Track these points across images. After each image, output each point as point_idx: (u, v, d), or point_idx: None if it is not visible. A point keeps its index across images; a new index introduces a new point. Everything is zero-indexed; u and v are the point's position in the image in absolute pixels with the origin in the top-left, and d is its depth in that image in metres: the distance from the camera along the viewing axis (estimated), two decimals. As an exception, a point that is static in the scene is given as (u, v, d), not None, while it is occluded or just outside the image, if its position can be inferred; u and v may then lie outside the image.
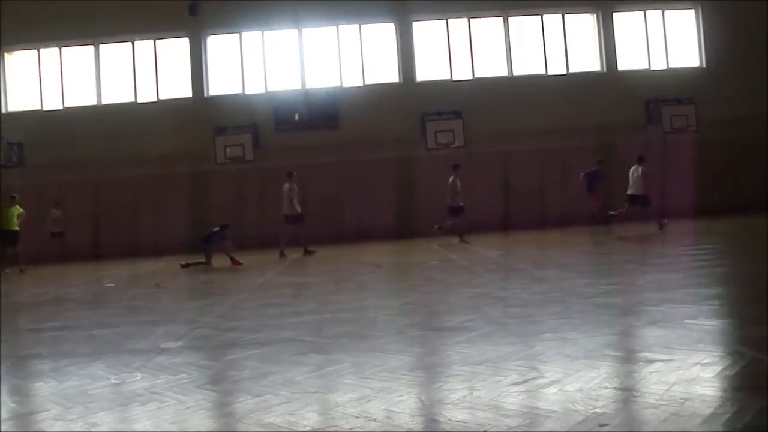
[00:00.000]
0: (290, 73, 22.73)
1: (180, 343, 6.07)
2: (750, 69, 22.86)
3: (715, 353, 4.67)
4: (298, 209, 16.60)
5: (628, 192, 17.94)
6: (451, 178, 17.46)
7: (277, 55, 22.84)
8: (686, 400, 3.58)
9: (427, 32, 22.90)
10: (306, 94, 22.44)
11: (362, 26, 22.74)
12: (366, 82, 22.63)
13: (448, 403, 3.80)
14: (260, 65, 22.74)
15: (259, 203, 21.02)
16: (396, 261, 14.66)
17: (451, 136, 21.84)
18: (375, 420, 3.57)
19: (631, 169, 18.02)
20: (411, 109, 21.94)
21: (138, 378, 4.78)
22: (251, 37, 22.78)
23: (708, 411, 3.38)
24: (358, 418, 3.62)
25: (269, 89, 22.66)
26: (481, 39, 23.01)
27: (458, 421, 3.48)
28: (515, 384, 4.08)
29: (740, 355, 4.47)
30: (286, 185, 16.61)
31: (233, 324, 7.13)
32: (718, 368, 4.20)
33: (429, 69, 22.81)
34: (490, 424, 3.38)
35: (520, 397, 3.82)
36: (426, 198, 21.53)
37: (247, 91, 22.65)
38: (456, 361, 4.80)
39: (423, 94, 22.19)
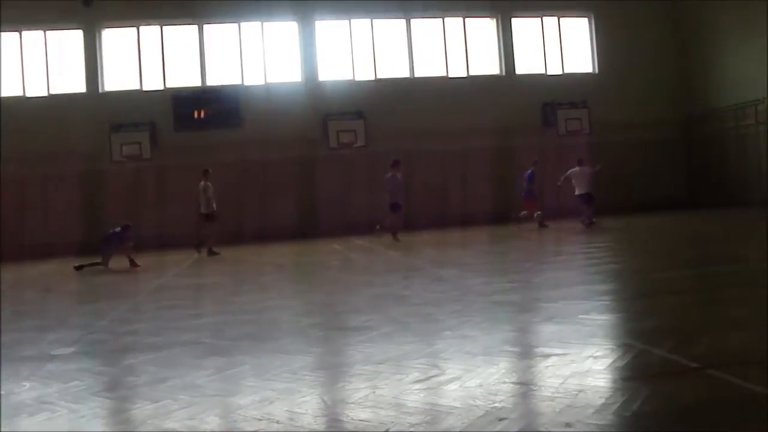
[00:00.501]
0: (190, 69, 22.18)
1: (73, 349, 5.81)
2: (639, 76, 24.12)
3: (607, 346, 4.88)
4: (214, 207, 16.37)
5: (576, 192, 18.29)
6: (389, 174, 17.07)
7: (176, 50, 22.25)
8: (580, 391, 3.71)
9: (330, 32, 22.87)
10: (207, 92, 21.97)
11: (264, 24, 22.48)
12: (268, 81, 22.38)
13: (351, 403, 3.80)
14: (159, 61, 22.08)
15: (158, 203, 20.44)
16: (298, 261, 14.57)
17: (353, 135, 21.92)
18: (278, 422, 3.53)
19: (572, 171, 18.36)
20: (313, 109, 21.88)
21: (26, 387, 4.52)
22: (149, 31, 22.10)
23: (600, 401, 3.51)
24: (260, 420, 3.57)
25: (168, 85, 22.03)
26: (384, 40, 23.17)
27: (361, 420, 3.48)
28: (417, 382, 4.12)
29: (629, 347, 4.67)
30: (202, 183, 16.30)
31: (130, 328, 6.90)
32: (609, 360, 4.38)
33: (331, 69, 22.79)
34: (392, 422, 3.40)
35: (422, 395, 3.86)
36: (328, 198, 21.55)
37: (145, 87, 21.93)
38: (358, 360, 4.81)
39: (325, 94, 22.18)
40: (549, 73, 24.10)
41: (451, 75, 23.40)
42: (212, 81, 22.25)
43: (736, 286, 7.34)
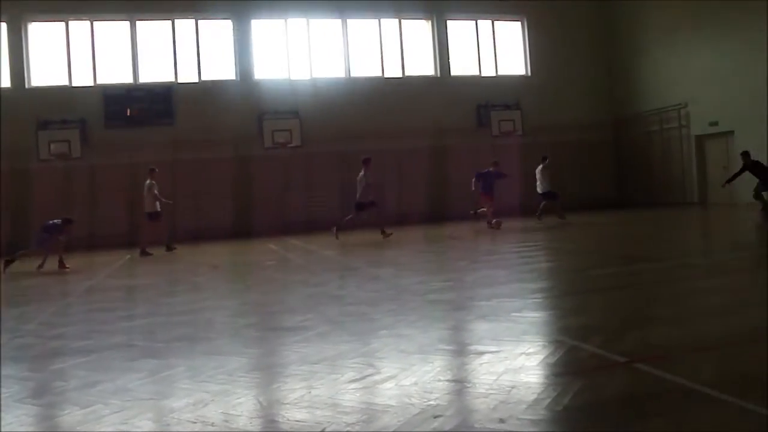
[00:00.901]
0: (122, 65, 21.63)
1: (-4, 354, 5.62)
2: (570, 79, 24.72)
3: (539, 343, 4.99)
4: (158, 207, 16.18)
5: (539, 190, 18.69)
6: (362, 173, 16.78)
7: (107, 46, 21.67)
8: (513, 387, 3.79)
9: (266, 31, 22.66)
10: (139, 89, 21.49)
11: (199, 21, 22.12)
12: (202, 78, 22.03)
13: (287, 403, 3.79)
14: (89, 56, 21.46)
15: (89, 203, 19.90)
16: (233, 261, 14.40)
17: (288, 135, 21.80)
18: (212, 424, 3.49)
19: (537, 169, 18.78)
20: (248, 108, 21.66)
21: (-54, 394, 4.36)
22: (79, 25, 21.46)
23: (532, 397, 3.60)
24: (195, 423, 3.52)
25: (99, 81, 21.43)
26: (320, 40, 23.10)
27: (297, 421, 3.47)
28: (353, 381, 4.13)
29: (561, 343, 4.79)
30: (147, 182, 16.09)
31: (58, 331, 6.70)
32: (541, 357, 4.49)
33: (267, 68, 22.59)
34: (328, 422, 3.41)
35: (358, 394, 3.88)
36: (264, 197, 21.37)
37: (75, 83, 21.28)
38: (294, 360, 4.79)
39: (260, 93, 21.97)
40: (483, 74, 24.45)
41: (386, 76, 23.49)
42: (145, 78, 21.76)
43: (661, 282, 7.60)
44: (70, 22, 21.32)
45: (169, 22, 21.90)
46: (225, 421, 3.54)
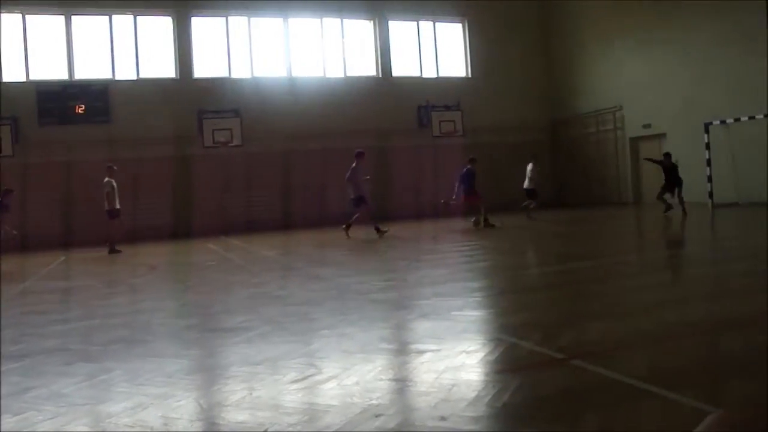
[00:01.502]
0: (57, 61, 21.01)
1: None
2: (509, 81, 25.11)
3: (479, 341, 5.06)
4: (117, 205, 15.85)
5: (525, 186, 18.85)
6: (353, 165, 16.25)
7: (41, 41, 21.01)
8: (454, 385, 3.84)
9: (206, 29, 22.32)
10: (75, 85, 20.91)
11: (138, 17, 21.64)
12: (141, 76, 21.58)
13: (228, 405, 3.75)
14: (21, 51, 20.77)
15: (22, 204, 19.26)
16: (172, 262, 14.17)
17: (228, 134, 21.55)
18: (151, 428, 3.43)
19: (528, 167, 18.94)
20: (188, 106, 21.31)
21: None
22: (10, 19, 20.74)
23: (473, 394, 3.65)
24: (133, 427, 3.46)
25: (32, 77, 20.76)
26: (261, 39, 22.89)
27: (238, 423, 3.45)
28: (294, 381, 4.12)
29: (500, 341, 4.86)
30: (106, 180, 15.75)
31: (-13, 335, 6.49)
32: (481, 355, 4.56)
33: (207, 66, 22.26)
34: (270, 423, 3.39)
35: (300, 394, 3.87)
36: (203, 197, 21.08)
37: (6, 79, 20.55)
38: (235, 361, 4.75)
39: (201, 91, 21.64)
40: (424, 76, 24.61)
41: (328, 76, 23.44)
42: (81, 74, 21.19)
43: (596, 280, 7.79)
44: (2, 15, 20.58)
45: (107, 17, 21.38)
46: (164, 424, 3.49)
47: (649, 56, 21.28)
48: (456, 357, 4.52)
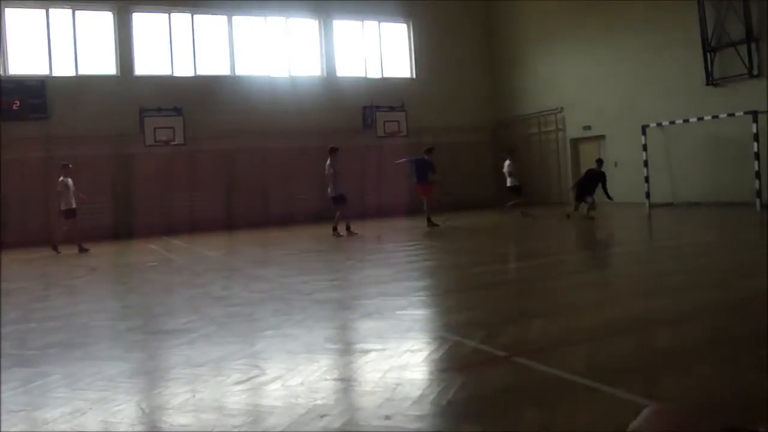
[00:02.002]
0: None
1: None
2: (453, 82, 25.33)
3: (423, 340, 5.11)
4: (73, 204, 15.40)
5: (508, 185, 18.66)
6: (327, 163, 15.76)
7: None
8: (398, 384, 3.87)
9: (147, 25, 21.86)
10: (8, 81, 20.23)
11: (77, 12, 21.07)
12: (80, 72, 21.01)
13: (170, 408, 3.70)
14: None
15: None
16: (112, 263, 13.86)
17: (171, 133, 21.17)
18: (90, 432, 3.37)
19: (506, 163, 18.75)
20: (129, 104, 20.83)
21: None
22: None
23: (418, 393, 3.68)
24: (70, 432, 3.39)
25: (-39, 73, 20.04)
26: (204, 36, 22.55)
27: (181, 426, 3.40)
28: (238, 383, 4.09)
29: (444, 340, 4.91)
30: (61, 179, 15.30)
31: None
32: (425, 353, 4.60)
33: (149, 63, 21.81)
34: (214, 426, 3.36)
35: (244, 396, 3.84)
36: (145, 196, 20.68)
37: (-67, 74, 19.81)
38: (177, 364, 4.69)
39: (142, 89, 21.18)
40: (369, 76, 24.63)
41: (272, 75, 23.25)
42: (15, 70, 20.53)
43: (538, 278, 7.94)
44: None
45: (43, 11, 20.77)
46: (104, 429, 3.42)
47: (590, 59, 21.75)
48: (400, 356, 4.55)
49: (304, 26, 23.89)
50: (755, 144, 15.65)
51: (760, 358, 3.89)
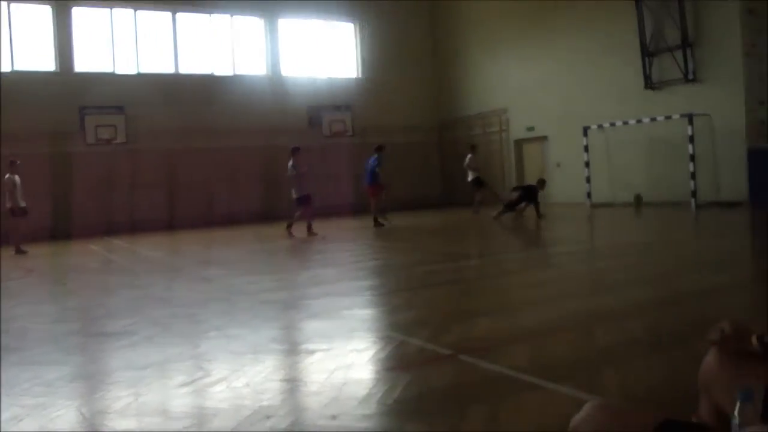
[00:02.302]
0: None
1: None
2: (399, 83, 25.42)
3: (369, 339, 5.12)
4: (21, 203, 14.90)
5: (469, 179, 19.08)
6: (290, 164, 15.59)
7: None
8: (344, 384, 3.87)
9: (88, 20, 21.30)
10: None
11: (11, 5, 20.38)
12: (16, 68, 20.37)
13: (112, 413, 3.62)
14: None
15: None
16: (51, 264, 13.51)
17: (112, 131, 20.74)
18: (27, 438, 3.28)
19: (467, 157, 19.23)
20: (68, 101, 20.32)
21: None
22: None
23: (364, 392, 3.69)
24: (7, 438, 3.29)
25: None
26: (147, 33, 22.11)
27: (124, 430, 3.34)
28: (183, 385, 4.03)
29: (390, 339, 4.94)
30: (7, 176, 14.75)
31: None
32: (371, 353, 4.61)
33: (90, 59, 21.27)
34: (158, 429, 3.31)
35: (188, 398, 3.79)
36: (85, 196, 20.20)
37: None
38: (119, 367, 4.59)
39: (82, 86, 20.65)
40: (315, 76, 24.53)
41: (217, 73, 22.96)
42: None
43: (482, 277, 8.04)
44: None
45: (-24, 5, 20.08)
46: (43, 434, 3.34)
47: (533, 62, 22.09)
48: (346, 356, 4.56)
49: (249, 24, 23.66)
50: (690, 146, 16.16)
51: (695, 352, 4.01)
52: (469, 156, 19.25)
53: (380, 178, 16.65)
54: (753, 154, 15.63)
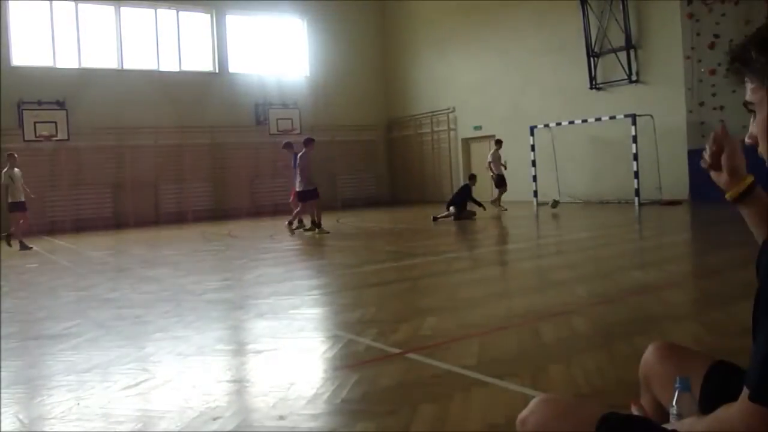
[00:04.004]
0: None
1: None
2: (347, 81, 25.41)
3: (317, 338, 5.11)
4: (21, 197, 14.41)
5: (495, 173, 17.63)
6: (300, 154, 14.31)
7: None
8: (292, 384, 3.85)
9: (26, 13, 20.70)
10: None
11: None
12: (-53, 62, 19.70)
13: (52, 418, 3.52)
14: None
15: None
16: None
17: (53, 127, 20.21)
18: (-38, 446, 3.17)
19: (490, 153, 17.94)
20: (5, 96, 19.70)
21: None
22: None
23: (312, 392, 3.68)
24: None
25: None
26: (90, 27, 21.60)
27: (64, 435, 3.26)
28: (127, 388, 3.95)
29: (338, 338, 4.93)
30: (6, 169, 14.21)
31: None
32: (319, 352, 4.60)
33: (28, 53, 20.67)
34: (100, 433, 3.24)
35: (133, 401, 3.72)
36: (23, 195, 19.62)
37: None
38: (60, 370, 4.47)
39: (20, 80, 20.05)
40: (262, 73, 24.33)
41: (162, 69, 22.57)
42: None
43: (429, 276, 8.09)
44: None
45: None
46: (-22, 442, 3.23)
47: (480, 61, 22.31)
48: (294, 355, 4.53)
49: (195, 20, 23.32)
50: (634, 145, 16.53)
51: (636, 346, 4.10)
52: (494, 151, 17.90)
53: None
54: (693, 154, 16.09)
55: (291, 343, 4.86)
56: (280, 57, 24.75)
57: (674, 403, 1.54)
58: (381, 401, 3.51)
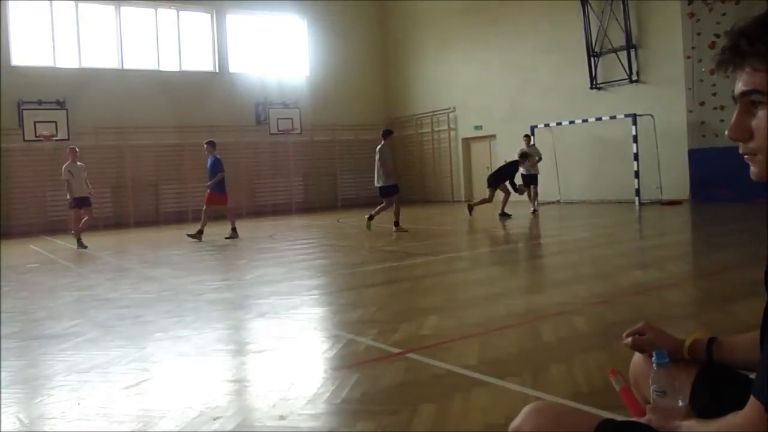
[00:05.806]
0: None
1: None
2: (348, 81, 25.39)
3: (317, 338, 5.11)
4: (80, 193, 14.22)
5: (523, 171, 16.24)
6: (380, 146, 13.86)
7: None
8: (292, 384, 3.85)
9: (26, 13, 20.68)
10: None
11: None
12: (-52, 62, 19.70)
13: (53, 418, 3.53)
14: None
15: None
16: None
17: (53, 127, 20.20)
18: (-39, 448, 3.17)
19: (520, 149, 16.39)
20: (6, 96, 19.70)
21: None
22: None
23: (312, 392, 3.68)
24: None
25: None
26: (91, 26, 21.58)
27: (64, 435, 3.27)
28: (127, 388, 3.96)
29: (338, 338, 4.93)
30: (68, 163, 14.08)
31: None
32: (319, 352, 4.60)
33: (28, 53, 20.66)
34: (100, 433, 3.24)
35: (133, 401, 3.72)
36: (24, 194, 19.67)
37: None
38: (60, 370, 4.47)
39: (21, 80, 20.04)
40: (263, 72, 24.32)
41: (162, 69, 22.57)
42: None
43: (430, 275, 8.09)
44: None
45: None
46: (-22, 443, 3.24)
47: (480, 61, 22.31)
48: (294, 355, 4.54)
49: (195, 19, 23.31)
50: (634, 145, 16.53)
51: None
52: (524, 146, 16.57)
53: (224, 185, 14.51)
54: (693, 154, 16.10)
55: (291, 343, 4.86)
56: (280, 57, 24.74)
57: (651, 378, 1.51)
58: (381, 401, 3.51)
